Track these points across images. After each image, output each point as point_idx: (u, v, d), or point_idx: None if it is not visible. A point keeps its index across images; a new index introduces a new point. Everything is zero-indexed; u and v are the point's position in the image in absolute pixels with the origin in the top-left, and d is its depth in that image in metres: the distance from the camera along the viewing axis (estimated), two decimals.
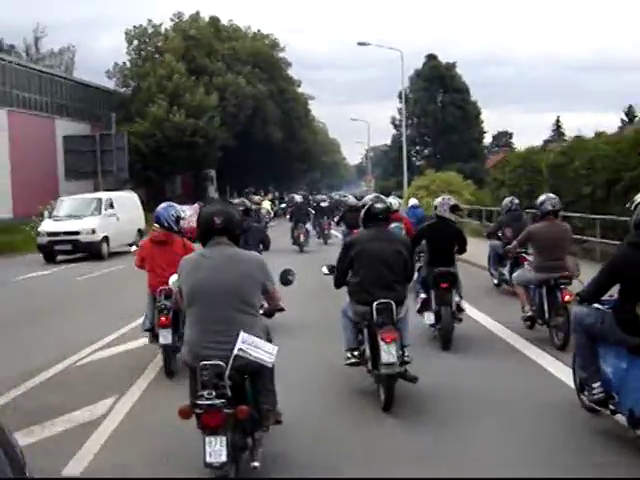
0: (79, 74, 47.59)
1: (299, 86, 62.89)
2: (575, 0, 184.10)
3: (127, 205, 23.30)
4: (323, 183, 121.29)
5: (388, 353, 5.60)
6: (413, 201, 17.70)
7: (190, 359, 4.24)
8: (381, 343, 5.63)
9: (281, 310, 5.42)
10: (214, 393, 3.98)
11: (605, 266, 5.05)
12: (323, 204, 27.24)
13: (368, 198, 7.59)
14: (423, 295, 8.29)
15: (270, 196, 49.43)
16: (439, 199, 9.02)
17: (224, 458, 3.92)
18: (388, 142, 65.42)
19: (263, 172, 55.35)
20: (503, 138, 78.73)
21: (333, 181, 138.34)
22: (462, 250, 8.57)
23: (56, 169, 36.40)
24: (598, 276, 5.01)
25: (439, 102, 59.21)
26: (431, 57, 60.01)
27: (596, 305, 5.11)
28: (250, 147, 47.74)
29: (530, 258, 9.02)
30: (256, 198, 34.17)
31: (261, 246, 9.89)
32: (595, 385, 5.01)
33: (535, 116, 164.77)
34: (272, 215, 34.70)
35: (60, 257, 20.75)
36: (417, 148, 61.38)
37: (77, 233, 20.38)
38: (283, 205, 35.62)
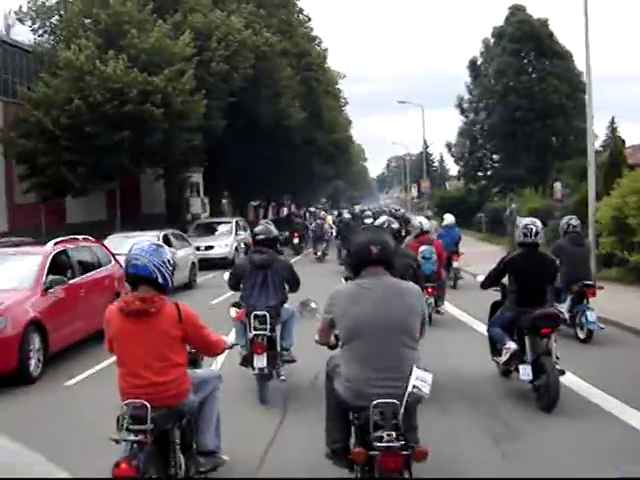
0: None
1: (325, 56, 44.03)
2: None
3: None
4: (345, 195, 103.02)
5: None
6: (449, 218, 16.21)
7: (352, 397, 4.06)
8: None
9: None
10: (394, 434, 3.82)
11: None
12: (367, 221, 21.13)
13: (382, 220, 8.10)
14: (511, 344, 6.89)
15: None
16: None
17: None
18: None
19: (273, 176, 36.25)
20: None
21: (355, 193, 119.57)
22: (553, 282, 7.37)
23: None
24: None
25: (533, 72, 40.09)
26: (518, 9, 41.06)
27: None
28: (250, 132, 28.83)
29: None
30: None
31: (287, 287, 7.62)
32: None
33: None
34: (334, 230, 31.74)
35: None
36: (494, 142, 42.35)
37: None
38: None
